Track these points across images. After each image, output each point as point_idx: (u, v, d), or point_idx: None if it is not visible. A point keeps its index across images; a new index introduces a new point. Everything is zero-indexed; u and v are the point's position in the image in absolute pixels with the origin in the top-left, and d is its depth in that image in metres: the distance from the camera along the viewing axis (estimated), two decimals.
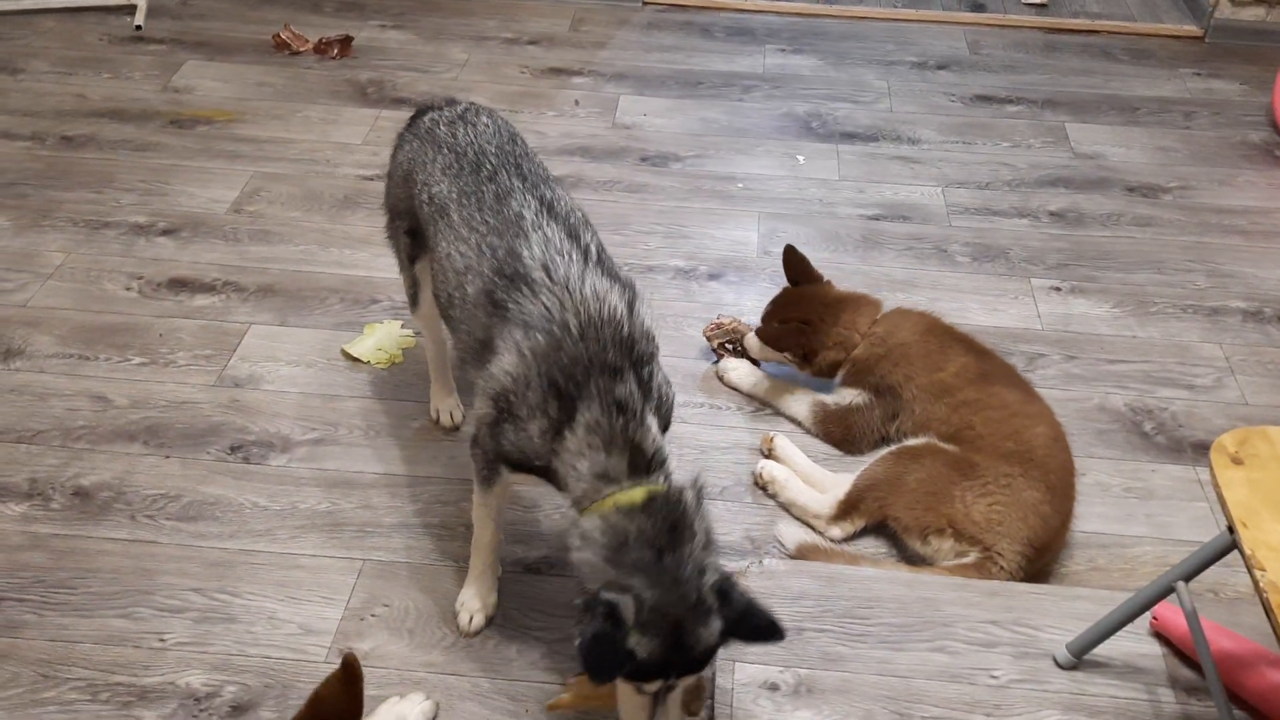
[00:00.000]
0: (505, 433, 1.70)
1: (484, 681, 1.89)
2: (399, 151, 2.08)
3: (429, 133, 2.01)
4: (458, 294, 1.81)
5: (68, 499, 2.17)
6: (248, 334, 2.58)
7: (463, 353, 1.83)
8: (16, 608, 1.97)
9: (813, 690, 1.81)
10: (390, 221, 2.18)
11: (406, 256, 2.15)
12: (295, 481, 2.23)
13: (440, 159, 1.94)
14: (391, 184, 2.13)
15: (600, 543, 1.54)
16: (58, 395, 2.40)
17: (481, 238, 1.79)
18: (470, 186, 1.87)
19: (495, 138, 1.96)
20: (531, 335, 1.64)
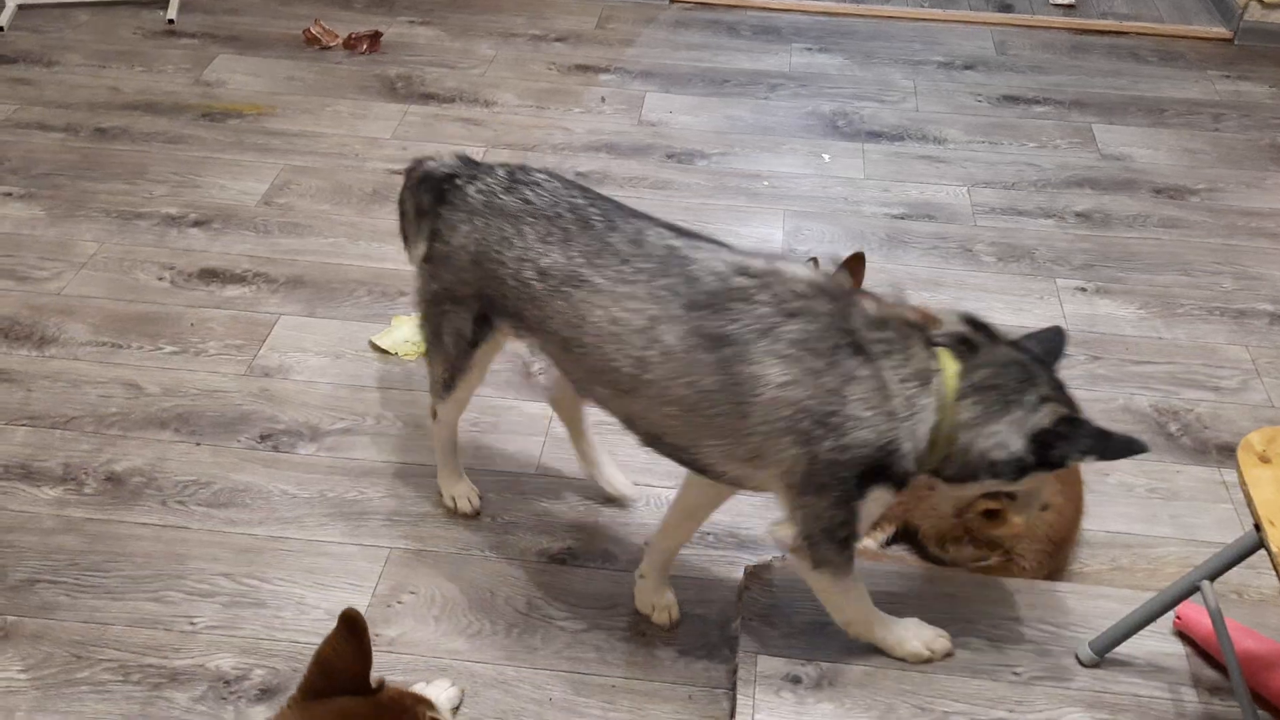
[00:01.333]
0: (829, 449, 1.57)
1: (509, 669, 1.91)
2: (449, 235, 1.84)
3: (490, 206, 1.81)
4: (651, 352, 1.64)
5: (100, 484, 2.21)
6: (277, 324, 2.61)
7: (680, 417, 1.65)
8: (51, 589, 2.00)
9: (835, 684, 1.81)
10: (437, 309, 1.93)
11: (467, 343, 1.92)
12: (323, 470, 2.26)
13: (530, 231, 1.75)
14: (445, 269, 1.87)
15: (985, 413, 1.57)
16: (91, 382, 2.43)
17: (650, 286, 1.64)
18: (595, 244, 1.71)
19: (570, 190, 1.81)
20: (779, 339, 1.57)
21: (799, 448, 1.58)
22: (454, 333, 1.93)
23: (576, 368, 1.77)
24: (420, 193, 1.93)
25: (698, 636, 1.97)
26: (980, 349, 1.61)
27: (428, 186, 1.91)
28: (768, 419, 1.58)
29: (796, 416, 1.56)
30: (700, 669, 1.92)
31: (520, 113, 3.50)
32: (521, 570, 2.08)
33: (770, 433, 1.59)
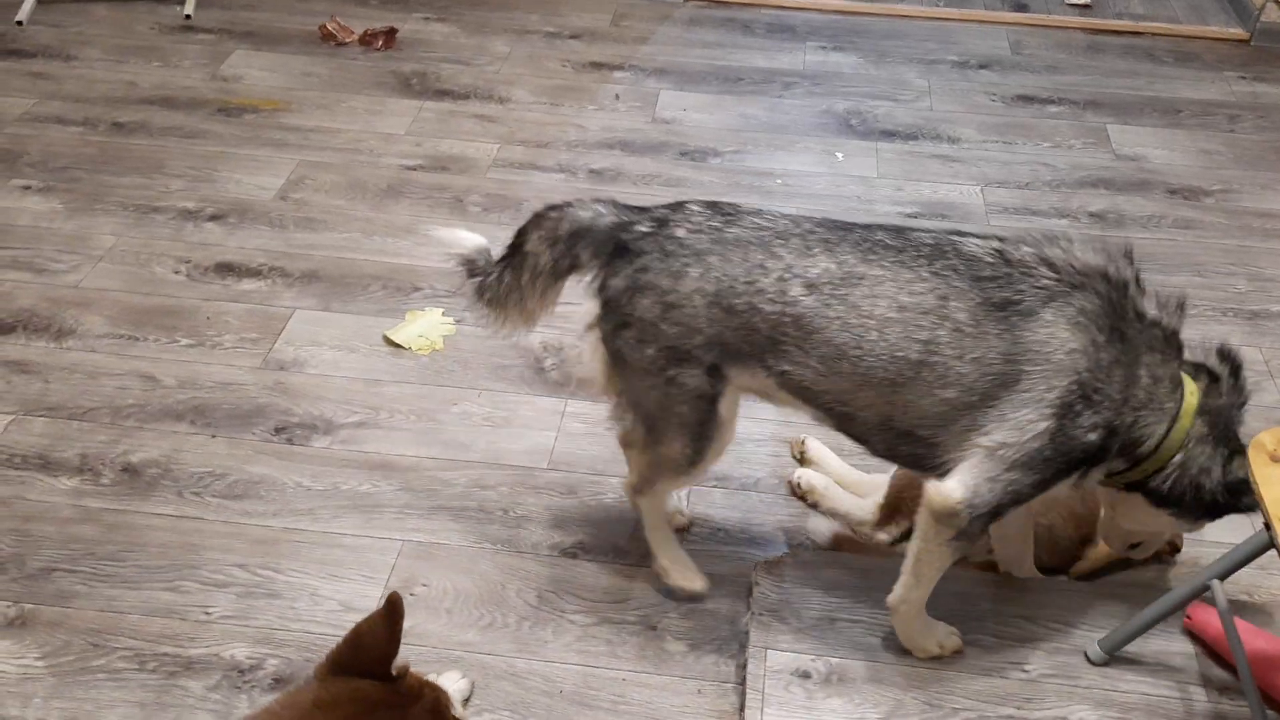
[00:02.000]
0: (1078, 428, 1.61)
1: (519, 662, 1.92)
2: (672, 284, 1.71)
3: (721, 241, 1.72)
4: (941, 331, 1.64)
5: (117, 475, 2.23)
6: (292, 319, 2.63)
7: (952, 398, 1.66)
8: (68, 578, 2.02)
9: (844, 679, 1.82)
10: (659, 377, 1.77)
11: (708, 400, 1.79)
12: (337, 463, 2.28)
13: (785, 250, 1.70)
14: (668, 323, 1.72)
15: (1211, 441, 1.67)
16: (108, 374, 2.46)
17: (931, 267, 1.67)
18: (863, 243, 1.71)
19: (777, 215, 1.77)
20: (1068, 304, 1.62)
21: (1052, 420, 1.60)
22: (690, 395, 1.77)
23: (845, 378, 1.70)
24: (576, 248, 1.81)
25: (708, 631, 1.98)
26: (1220, 381, 1.70)
27: (588, 242, 1.79)
28: (1042, 386, 1.61)
29: (1070, 386, 1.60)
30: (710, 663, 1.93)
31: (534, 109, 3.51)
32: (533, 564, 2.09)
33: (1030, 401, 1.61)
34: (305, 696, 1.35)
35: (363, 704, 1.34)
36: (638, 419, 1.87)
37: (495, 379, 2.50)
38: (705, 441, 1.84)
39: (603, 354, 1.83)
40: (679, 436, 1.83)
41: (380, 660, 1.37)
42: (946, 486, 1.66)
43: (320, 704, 1.33)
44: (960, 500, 1.64)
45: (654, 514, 2.00)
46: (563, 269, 1.85)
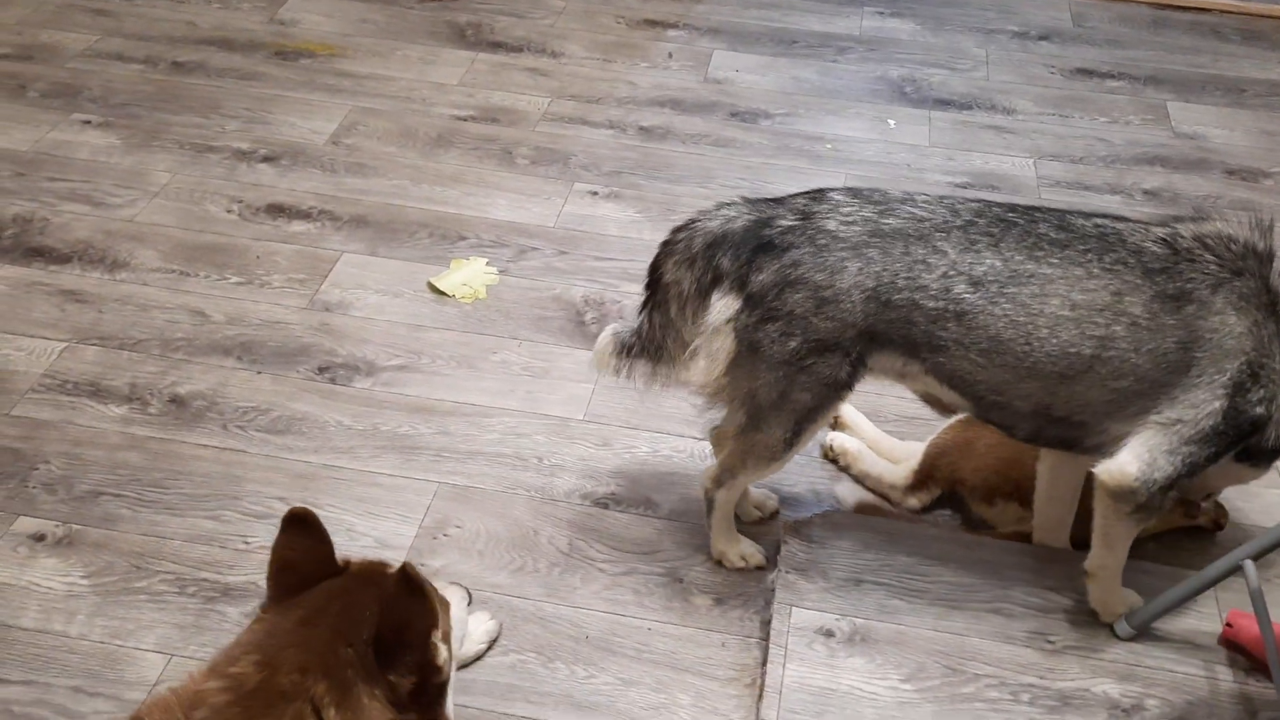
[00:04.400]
0: (1248, 404, 1.65)
1: (548, 606, 1.96)
2: (830, 279, 1.69)
3: (879, 234, 1.70)
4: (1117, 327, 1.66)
5: (164, 405, 2.28)
6: (339, 261, 2.67)
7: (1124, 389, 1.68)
8: (114, 502, 2.08)
9: (867, 640, 1.84)
10: (794, 367, 1.75)
11: (836, 389, 1.79)
12: (378, 404, 2.31)
13: (948, 245, 1.69)
14: (821, 318, 1.71)
15: None
16: (159, 307, 2.51)
17: (1101, 263, 1.67)
18: (1027, 238, 1.70)
19: (944, 199, 1.78)
20: (1233, 290, 1.65)
21: (1224, 399, 1.65)
22: (820, 383, 1.77)
23: (1007, 371, 1.71)
24: (716, 259, 1.77)
25: (734, 586, 2.00)
26: None
27: (726, 248, 1.76)
28: (1213, 369, 1.65)
29: (1240, 367, 1.64)
30: (735, 618, 1.95)
31: (586, 65, 3.51)
32: (565, 511, 2.12)
33: (1203, 384, 1.65)
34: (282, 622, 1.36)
35: (346, 592, 1.36)
36: (742, 408, 1.84)
37: (536, 330, 2.52)
38: (809, 427, 1.85)
39: (730, 348, 1.78)
40: (784, 424, 1.82)
41: (322, 565, 1.40)
42: (1120, 465, 1.69)
43: (306, 618, 1.35)
44: (1136, 476, 1.68)
45: (726, 506, 1.99)
46: (706, 285, 1.80)
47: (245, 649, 1.36)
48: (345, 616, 1.34)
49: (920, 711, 1.74)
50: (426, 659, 1.34)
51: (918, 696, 1.76)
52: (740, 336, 1.77)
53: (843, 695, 1.76)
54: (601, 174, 3.01)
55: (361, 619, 1.33)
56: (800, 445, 1.88)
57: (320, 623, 1.34)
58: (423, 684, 1.35)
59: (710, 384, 1.85)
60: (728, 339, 1.78)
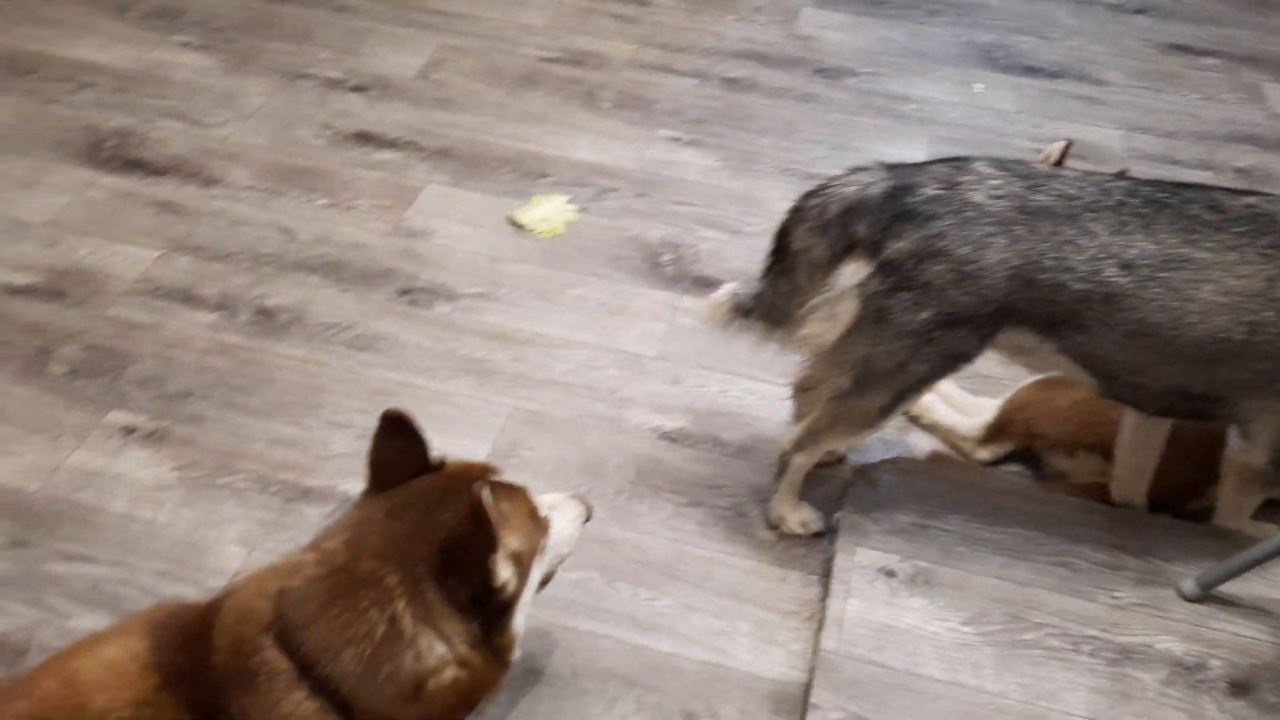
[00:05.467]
0: None
1: (613, 529, 1.99)
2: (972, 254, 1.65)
3: (1027, 210, 1.66)
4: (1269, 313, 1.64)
5: (252, 315, 2.35)
6: (424, 191, 2.72)
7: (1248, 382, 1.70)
8: (202, 404, 2.16)
9: (929, 582, 1.85)
10: (920, 337, 1.72)
11: (955, 362, 1.78)
12: (456, 329, 2.36)
13: (1099, 226, 1.65)
14: (959, 291, 1.67)
15: None
16: (249, 224, 2.58)
17: (1256, 247, 1.65)
18: (1180, 221, 1.66)
19: (1090, 175, 1.74)
20: None
21: None
22: (942, 355, 1.75)
23: (1150, 354, 1.69)
24: (851, 226, 1.73)
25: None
26: None
27: (861, 215, 1.72)
28: None
29: None
30: (798, 555, 1.98)
31: (674, 14, 3.51)
32: (634, 443, 2.15)
33: None
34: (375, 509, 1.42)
35: (432, 494, 1.41)
36: (849, 373, 1.81)
37: (613, 268, 2.55)
38: (911, 398, 1.84)
39: (853, 313, 1.75)
40: (888, 393, 1.80)
41: (416, 461, 1.44)
42: (1251, 450, 1.78)
43: (393, 511, 1.40)
44: (1266, 463, 1.78)
45: (800, 472, 1.98)
46: (839, 252, 1.75)
47: (341, 529, 1.41)
48: (425, 517, 1.39)
49: (980, 654, 1.75)
50: (483, 578, 1.38)
51: (978, 639, 1.77)
52: (866, 302, 1.73)
53: (903, 632, 1.78)
54: (684, 121, 3.02)
55: (439, 523, 1.37)
56: (894, 415, 1.87)
57: (404, 518, 1.39)
58: (483, 598, 1.39)
59: (822, 346, 1.82)
60: (852, 303, 1.74)
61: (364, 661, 1.33)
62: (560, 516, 1.58)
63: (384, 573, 1.34)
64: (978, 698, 1.70)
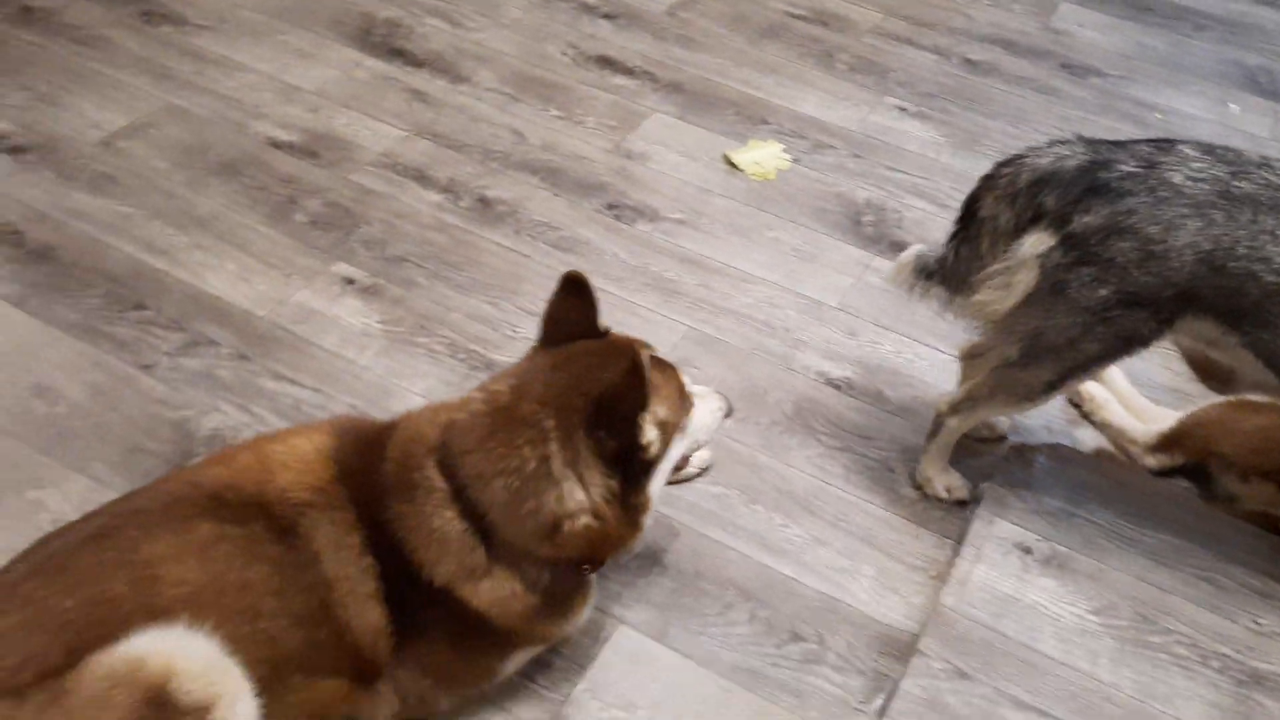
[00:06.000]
0: None
1: (762, 456, 2.07)
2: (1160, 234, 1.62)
3: (1228, 196, 1.61)
4: None
5: (473, 202, 2.55)
6: (649, 118, 2.84)
7: None
8: (415, 270, 2.37)
9: (1064, 567, 1.84)
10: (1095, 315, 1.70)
11: (1130, 344, 1.75)
12: (653, 248, 2.48)
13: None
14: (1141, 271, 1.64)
15: None
16: (486, 122, 2.78)
17: None
18: None
19: None
20: None
21: None
22: (1116, 336, 1.72)
23: None
24: (1040, 197, 1.72)
25: None
26: None
27: (1053, 187, 1.71)
28: None
29: None
30: (936, 517, 2.00)
31: None
32: (799, 382, 2.22)
33: None
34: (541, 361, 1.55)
35: (594, 354, 1.53)
36: (1018, 343, 1.80)
37: (813, 219, 2.61)
38: (1080, 377, 1.81)
39: (1031, 283, 1.74)
40: (1056, 368, 1.78)
41: (585, 324, 1.56)
42: None
43: (557, 364, 1.53)
44: None
45: (952, 435, 1.98)
46: (1025, 222, 1.74)
47: (508, 376, 1.56)
48: (586, 373, 1.51)
49: (1101, 643, 1.73)
50: (630, 434, 1.48)
51: (1102, 630, 1.75)
52: (1046, 273, 1.71)
53: (1026, 607, 1.78)
54: (915, 93, 3.03)
55: (597, 380, 1.49)
56: (1059, 392, 1.84)
57: (567, 371, 1.52)
58: (627, 454, 1.50)
59: (997, 314, 1.81)
60: (1031, 273, 1.73)
61: (511, 493, 1.47)
62: (704, 405, 1.68)
63: (542, 416, 1.47)
64: (1088, 683, 1.69)
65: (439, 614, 1.51)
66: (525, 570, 1.52)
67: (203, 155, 2.58)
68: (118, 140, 2.59)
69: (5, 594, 1.36)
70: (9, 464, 1.92)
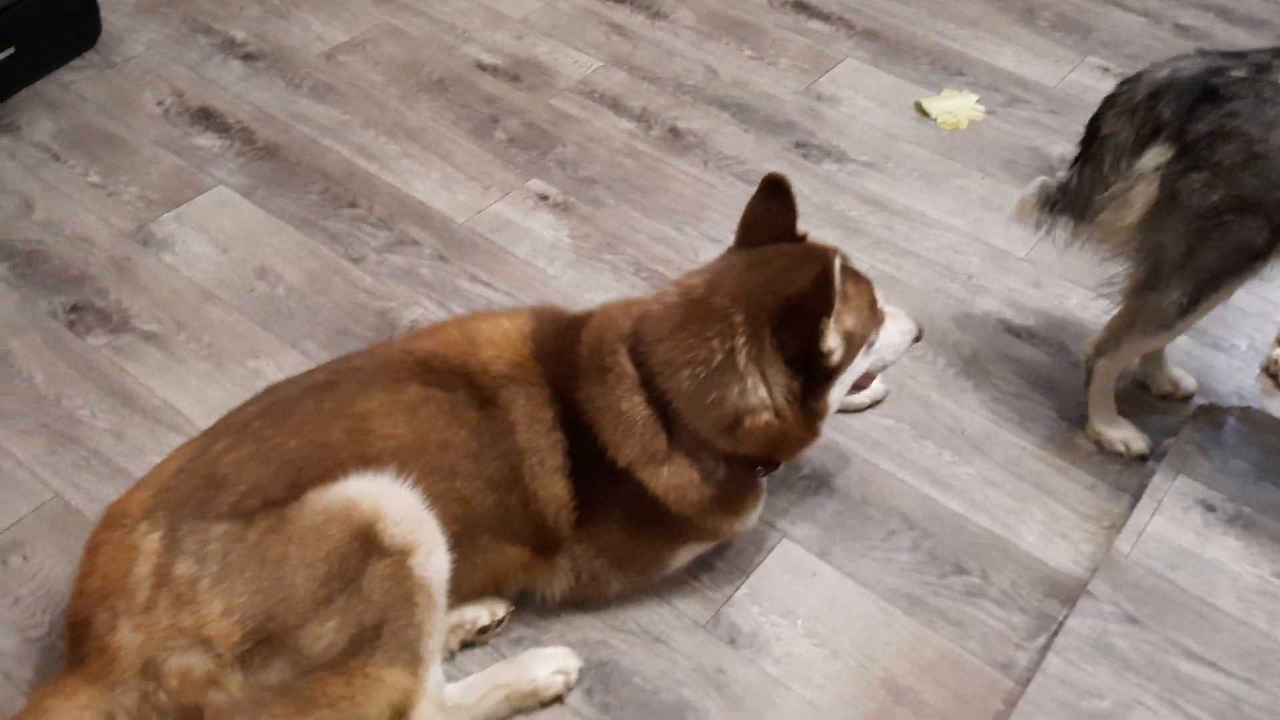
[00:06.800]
0: None
1: (934, 395, 2.07)
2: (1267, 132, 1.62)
3: None
4: None
5: (664, 132, 2.61)
6: (842, 63, 2.84)
7: None
8: (605, 192, 2.45)
9: (1250, 527, 1.78)
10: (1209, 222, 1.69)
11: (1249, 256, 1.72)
12: (838, 187, 2.49)
13: None
14: (1249, 174, 1.64)
15: None
16: (681, 57, 2.83)
17: None
18: None
19: None
20: None
21: None
22: (1232, 247, 1.70)
23: None
24: (1157, 108, 1.71)
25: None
26: None
27: (1170, 97, 1.70)
28: None
29: None
30: (1114, 470, 1.96)
31: None
32: (979, 326, 2.20)
33: None
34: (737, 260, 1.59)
35: (788, 256, 1.56)
36: (1144, 262, 1.80)
37: (1002, 170, 2.56)
38: (1210, 296, 1.77)
39: (1151, 196, 1.74)
40: (1183, 285, 1.76)
41: (783, 228, 1.59)
42: None
43: (752, 264, 1.56)
44: None
45: (1107, 377, 1.96)
46: (1145, 136, 1.73)
47: (703, 272, 1.61)
48: (779, 275, 1.55)
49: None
50: (812, 337, 1.50)
51: None
52: (1164, 185, 1.71)
53: (1204, 562, 1.74)
54: (1118, 55, 2.93)
55: (789, 281, 1.52)
56: (1195, 315, 1.80)
57: (761, 271, 1.56)
58: (810, 357, 1.52)
59: (1120, 232, 1.80)
60: (1151, 186, 1.73)
61: (697, 383, 1.53)
62: (894, 324, 1.70)
63: (732, 311, 1.52)
64: (1265, 643, 1.64)
65: (619, 495, 1.59)
66: (703, 461, 1.58)
67: (415, 73, 2.72)
68: (339, 54, 2.76)
69: (237, 430, 1.51)
70: (233, 334, 2.09)
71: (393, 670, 1.43)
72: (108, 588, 1.38)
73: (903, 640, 1.71)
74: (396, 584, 1.43)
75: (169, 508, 1.42)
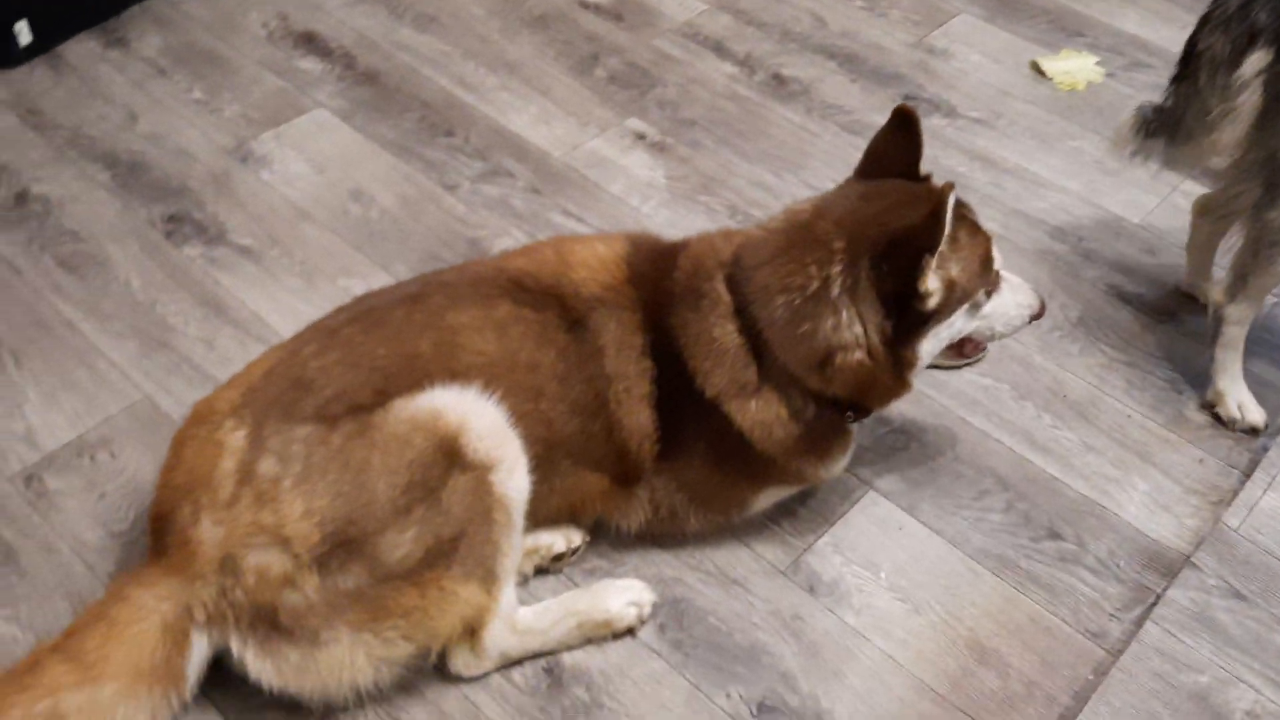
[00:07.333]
0: None
1: (1036, 357, 1.99)
2: None
3: None
4: None
5: (768, 78, 2.54)
6: (957, 18, 2.74)
7: None
8: (703, 134, 2.40)
9: None
10: None
11: None
12: (945, 141, 2.40)
13: None
14: None
15: None
16: (789, 4, 2.76)
17: None
18: None
19: None
20: None
21: None
22: None
23: None
24: (1252, 13, 1.66)
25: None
26: None
27: (1263, 1, 1.65)
28: None
29: None
30: (1225, 444, 1.86)
31: None
32: (1087, 290, 2.10)
33: None
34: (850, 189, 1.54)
35: (903, 192, 1.50)
36: (1259, 175, 1.70)
37: None
38: None
39: (1257, 103, 1.67)
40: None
41: (905, 166, 1.52)
42: None
43: (866, 195, 1.50)
44: None
45: (1237, 328, 1.85)
46: (1241, 45, 1.67)
47: (813, 201, 1.56)
48: (889, 209, 1.48)
49: None
50: (911, 274, 1.42)
51: None
52: (1269, 89, 1.62)
53: None
54: None
55: (899, 216, 1.45)
56: None
57: (872, 203, 1.50)
58: (904, 299, 1.44)
59: (1229, 148, 1.72)
60: (1255, 94, 1.65)
61: (791, 311, 1.47)
62: (1011, 294, 1.60)
63: (834, 237, 1.46)
64: None
65: (704, 428, 1.54)
66: (792, 398, 1.52)
67: (517, 7, 2.69)
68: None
69: (326, 336, 1.50)
70: (326, 253, 2.10)
71: (468, 585, 1.41)
72: (193, 482, 1.39)
73: (990, 601, 1.64)
74: (477, 499, 1.41)
75: (256, 407, 1.42)
